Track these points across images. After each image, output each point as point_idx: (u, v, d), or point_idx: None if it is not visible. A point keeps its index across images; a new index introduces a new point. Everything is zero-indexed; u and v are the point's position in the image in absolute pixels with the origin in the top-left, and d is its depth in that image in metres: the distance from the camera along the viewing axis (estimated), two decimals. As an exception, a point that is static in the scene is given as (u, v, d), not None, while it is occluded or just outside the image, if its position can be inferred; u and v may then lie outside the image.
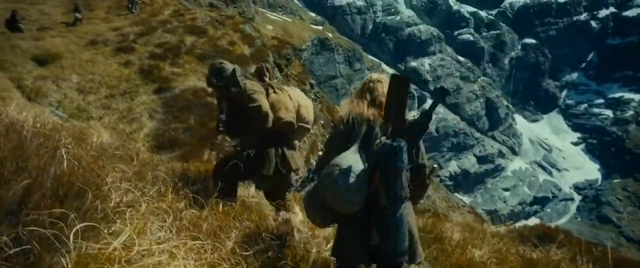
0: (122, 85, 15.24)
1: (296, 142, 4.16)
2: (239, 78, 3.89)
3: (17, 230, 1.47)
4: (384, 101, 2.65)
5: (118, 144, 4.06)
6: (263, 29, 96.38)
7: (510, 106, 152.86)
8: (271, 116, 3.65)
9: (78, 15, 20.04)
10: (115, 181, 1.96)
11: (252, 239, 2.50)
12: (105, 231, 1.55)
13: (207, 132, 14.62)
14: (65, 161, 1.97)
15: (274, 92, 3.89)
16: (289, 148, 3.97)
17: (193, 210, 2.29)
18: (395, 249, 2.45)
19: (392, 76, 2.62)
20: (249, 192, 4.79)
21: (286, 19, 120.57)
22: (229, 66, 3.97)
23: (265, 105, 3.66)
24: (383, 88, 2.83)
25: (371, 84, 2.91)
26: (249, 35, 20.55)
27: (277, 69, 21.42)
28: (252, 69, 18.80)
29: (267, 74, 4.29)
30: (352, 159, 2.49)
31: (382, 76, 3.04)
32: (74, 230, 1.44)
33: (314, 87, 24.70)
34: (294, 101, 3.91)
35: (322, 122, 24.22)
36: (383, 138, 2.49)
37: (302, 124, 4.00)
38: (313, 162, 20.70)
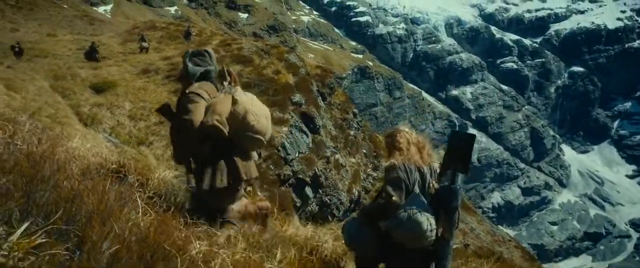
0: (171, 113, 15.62)
1: (251, 152, 3.67)
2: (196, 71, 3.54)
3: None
4: (421, 149, 3.29)
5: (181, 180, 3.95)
6: (304, 58, 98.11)
7: (557, 136, 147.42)
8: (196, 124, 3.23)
9: (144, 44, 21.83)
10: (195, 237, 1.80)
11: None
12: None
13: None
14: (140, 209, 1.84)
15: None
16: (242, 158, 3.50)
17: (270, 265, 2.09)
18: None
19: (454, 133, 3.11)
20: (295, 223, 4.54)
21: (327, 47, 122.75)
22: (211, 58, 3.69)
23: (197, 117, 3.24)
24: (416, 137, 3.38)
25: (409, 137, 3.32)
26: (293, 65, 20.80)
27: (320, 97, 21.50)
28: (296, 97, 18.93)
29: (229, 79, 3.68)
30: (424, 203, 2.93)
31: (407, 128, 3.46)
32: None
33: (357, 116, 24.54)
34: (240, 106, 3.41)
35: (364, 151, 23.92)
36: (434, 182, 3.10)
37: (249, 134, 3.47)
38: (355, 191, 20.34)
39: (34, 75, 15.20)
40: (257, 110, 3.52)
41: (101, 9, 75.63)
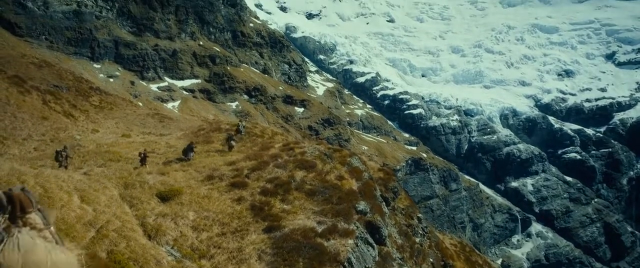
0: (233, 223, 15.21)
1: None
2: None
3: None
4: None
5: None
6: (358, 150, 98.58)
7: (637, 232, 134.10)
8: None
9: (232, 142, 23.21)
10: None
11: None
12: None
13: (315, 278, 13.64)
14: None
15: None
16: None
17: None
18: None
19: None
20: None
21: (380, 139, 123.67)
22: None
23: None
24: None
25: None
26: (356, 169, 20.25)
27: (384, 203, 20.46)
28: (360, 205, 18.04)
29: (10, 209, 2.77)
30: None
31: None
32: None
33: (422, 221, 23.06)
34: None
35: (431, 260, 22.04)
36: None
37: None
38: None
39: (106, 183, 15.55)
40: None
41: (170, 105, 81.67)
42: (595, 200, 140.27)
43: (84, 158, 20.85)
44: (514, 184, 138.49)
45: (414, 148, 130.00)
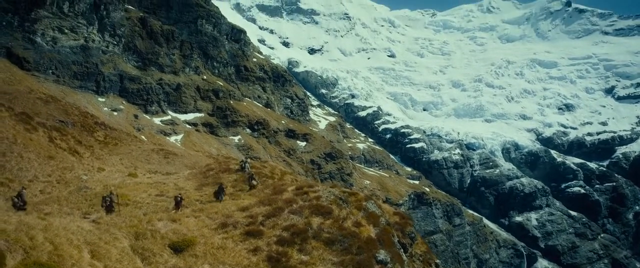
0: (250, 276, 14.41)
1: None
2: None
3: None
4: None
5: None
6: (360, 184, 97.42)
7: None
8: None
9: (254, 182, 23.00)
10: None
11: None
12: None
13: None
14: None
15: None
16: None
17: None
18: None
19: None
20: None
21: (383, 174, 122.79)
22: None
23: None
24: None
25: None
26: (372, 214, 19.53)
27: (402, 249, 19.66)
28: (380, 254, 17.26)
29: None
30: None
31: None
32: None
33: (439, 267, 22.15)
34: None
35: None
36: None
37: None
38: None
39: (116, 233, 14.85)
40: None
41: (173, 138, 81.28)
42: (602, 235, 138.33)
43: (91, 202, 20.18)
44: (518, 219, 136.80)
45: (417, 182, 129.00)
